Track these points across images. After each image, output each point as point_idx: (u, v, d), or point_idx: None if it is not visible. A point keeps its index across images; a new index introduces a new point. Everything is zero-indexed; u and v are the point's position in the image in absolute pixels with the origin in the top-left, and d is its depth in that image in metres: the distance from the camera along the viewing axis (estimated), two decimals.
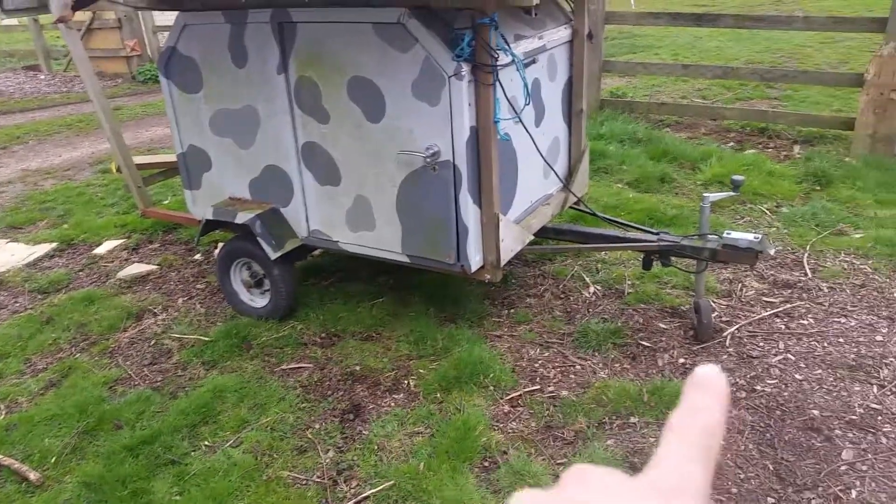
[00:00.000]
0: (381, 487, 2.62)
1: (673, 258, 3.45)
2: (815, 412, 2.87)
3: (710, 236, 3.31)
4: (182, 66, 3.62)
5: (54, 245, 4.97)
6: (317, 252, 4.10)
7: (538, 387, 3.13)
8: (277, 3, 3.18)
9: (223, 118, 3.61)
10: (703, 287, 3.40)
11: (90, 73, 4.11)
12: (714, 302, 3.67)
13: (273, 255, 3.53)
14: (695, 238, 3.34)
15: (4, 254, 4.91)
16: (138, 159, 4.60)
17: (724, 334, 3.41)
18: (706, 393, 0.43)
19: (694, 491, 0.38)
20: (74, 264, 4.70)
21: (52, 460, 2.87)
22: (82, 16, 10.67)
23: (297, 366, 3.40)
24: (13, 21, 14.28)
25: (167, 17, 10.79)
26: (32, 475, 2.77)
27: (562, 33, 3.65)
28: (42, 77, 12.17)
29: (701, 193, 4.95)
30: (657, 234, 3.53)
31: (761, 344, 3.34)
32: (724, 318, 3.55)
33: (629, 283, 3.91)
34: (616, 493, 0.38)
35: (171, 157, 4.60)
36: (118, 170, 4.39)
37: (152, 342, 3.71)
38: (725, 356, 3.26)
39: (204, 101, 3.63)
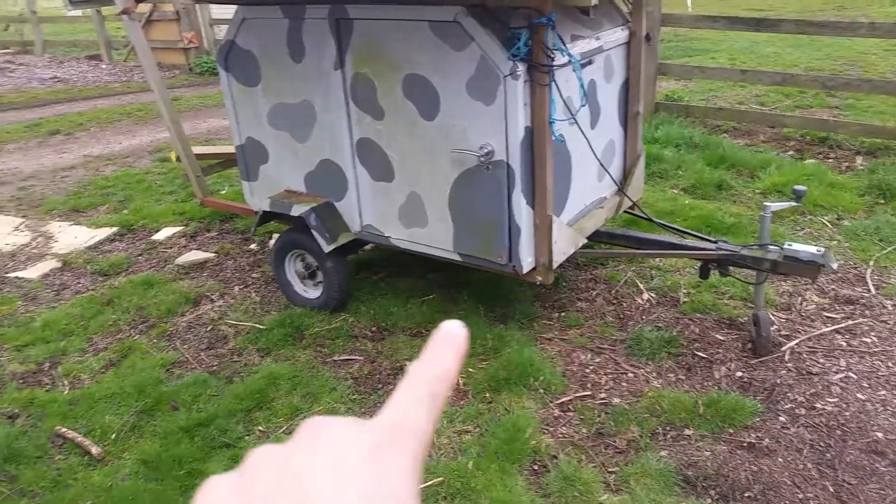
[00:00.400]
0: (429, 483, 2.63)
1: (731, 268, 3.38)
2: (879, 435, 2.78)
3: (770, 247, 3.24)
4: (241, 60, 3.68)
5: (115, 229, 5.11)
6: (368, 246, 4.13)
7: (589, 392, 3.11)
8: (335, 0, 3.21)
9: (281, 112, 3.66)
10: (762, 299, 3.33)
11: (152, 64, 4.21)
12: (773, 315, 3.59)
13: (326, 248, 3.57)
14: (755, 248, 3.27)
15: (68, 236, 5.07)
16: (197, 149, 4.70)
17: (783, 349, 3.34)
18: (444, 344, 0.45)
19: (413, 429, 0.41)
20: (134, 249, 4.83)
21: (112, 437, 2.97)
22: (142, 7, 10.93)
23: (348, 357, 3.44)
24: (77, 12, 14.71)
25: (224, 10, 10.98)
26: (94, 449, 2.87)
27: (619, 34, 3.61)
28: (104, 66, 12.50)
29: (760, 202, 4.86)
30: (716, 242, 3.46)
31: (822, 360, 3.26)
32: (783, 332, 3.47)
33: (685, 291, 3.85)
34: (340, 436, 0.40)
35: (229, 149, 4.69)
36: (178, 159, 4.49)
37: (209, 327, 3.80)
38: (784, 371, 3.18)
39: (262, 94, 3.69)
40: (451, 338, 0.45)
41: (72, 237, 5.05)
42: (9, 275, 4.52)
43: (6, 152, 7.39)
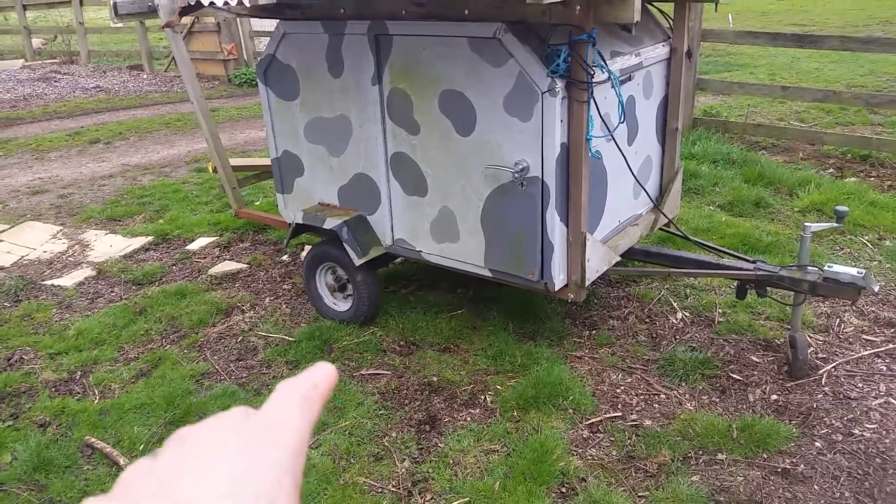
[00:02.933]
0: (455, 503, 2.60)
1: (769, 289, 3.31)
2: None
3: (809, 268, 3.16)
4: (280, 74, 3.72)
5: (150, 238, 5.18)
6: (398, 259, 4.13)
7: (620, 413, 3.05)
8: (375, 15, 3.23)
9: (317, 126, 3.68)
10: (800, 321, 3.24)
11: (192, 76, 4.27)
12: (810, 337, 3.50)
13: (357, 261, 3.57)
14: (794, 269, 3.20)
15: (103, 245, 5.15)
16: (234, 161, 4.75)
17: (820, 372, 3.25)
18: (314, 370, 0.48)
19: (288, 426, 0.43)
20: (168, 258, 4.88)
21: (140, 448, 2.98)
22: (185, 20, 11.14)
23: (375, 372, 3.43)
24: (121, 24, 15.06)
25: (264, 23, 11.14)
26: (122, 461, 2.88)
27: (659, 51, 3.57)
28: (144, 76, 12.76)
29: (798, 220, 4.77)
30: (754, 262, 3.39)
31: (860, 385, 3.16)
32: (820, 355, 3.38)
33: (720, 311, 3.78)
34: (209, 439, 0.42)
35: (265, 161, 4.74)
36: (214, 170, 4.54)
37: (239, 339, 3.81)
38: (821, 395, 3.10)
39: (300, 108, 3.72)
40: (321, 367, 0.49)
41: (107, 246, 5.13)
42: (45, 282, 4.61)
43: (48, 160, 7.57)
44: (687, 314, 3.78)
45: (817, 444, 2.83)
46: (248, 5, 3.18)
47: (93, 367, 3.62)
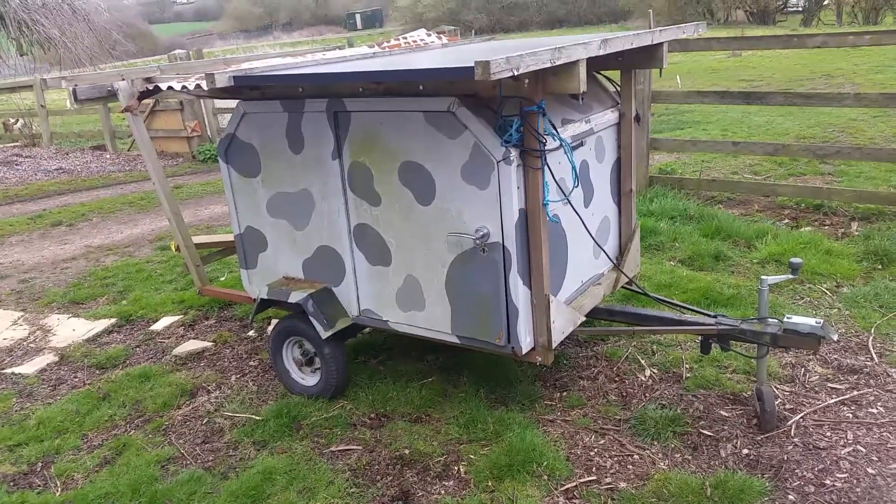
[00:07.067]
0: None
1: (732, 342, 3.36)
2: None
3: (770, 320, 3.22)
4: (241, 152, 3.76)
5: (113, 321, 5.10)
6: (366, 330, 4.11)
7: (594, 477, 3.03)
8: (334, 93, 3.30)
9: (280, 201, 3.71)
10: (765, 373, 3.28)
11: (153, 157, 4.31)
12: (776, 388, 3.54)
13: (324, 334, 3.55)
14: (754, 322, 3.25)
15: (66, 329, 5.06)
16: (197, 239, 4.74)
17: (789, 423, 3.27)
18: None
19: None
20: (132, 340, 4.80)
21: None
22: (145, 101, 11.24)
23: (346, 448, 3.37)
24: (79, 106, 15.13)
25: (226, 101, 11.29)
26: None
27: (608, 116, 3.70)
28: (107, 156, 12.78)
29: (758, 272, 4.87)
30: (715, 316, 3.44)
31: (828, 434, 3.19)
32: (787, 406, 3.41)
33: (687, 366, 3.81)
34: None
35: (228, 237, 4.74)
36: (178, 249, 4.53)
37: (205, 420, 3.73)
38: (791, 446, 3.11)
39: (261, 184, 3.75)
40: None
41: (70, 330, 5.04)
42: (5, 371, 4.49)
43: (8, 245, 7.47)
44: (655, 371, 3.80)
45: (790, 497, 2.83)
46: (206, 88, 3.24)
47: (55, 457, 3.51)
